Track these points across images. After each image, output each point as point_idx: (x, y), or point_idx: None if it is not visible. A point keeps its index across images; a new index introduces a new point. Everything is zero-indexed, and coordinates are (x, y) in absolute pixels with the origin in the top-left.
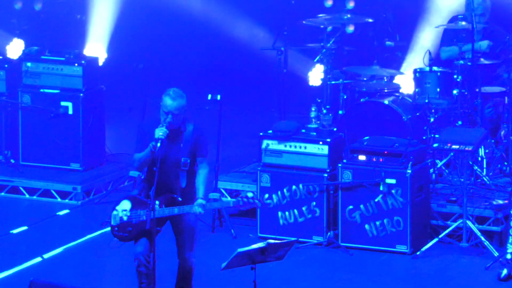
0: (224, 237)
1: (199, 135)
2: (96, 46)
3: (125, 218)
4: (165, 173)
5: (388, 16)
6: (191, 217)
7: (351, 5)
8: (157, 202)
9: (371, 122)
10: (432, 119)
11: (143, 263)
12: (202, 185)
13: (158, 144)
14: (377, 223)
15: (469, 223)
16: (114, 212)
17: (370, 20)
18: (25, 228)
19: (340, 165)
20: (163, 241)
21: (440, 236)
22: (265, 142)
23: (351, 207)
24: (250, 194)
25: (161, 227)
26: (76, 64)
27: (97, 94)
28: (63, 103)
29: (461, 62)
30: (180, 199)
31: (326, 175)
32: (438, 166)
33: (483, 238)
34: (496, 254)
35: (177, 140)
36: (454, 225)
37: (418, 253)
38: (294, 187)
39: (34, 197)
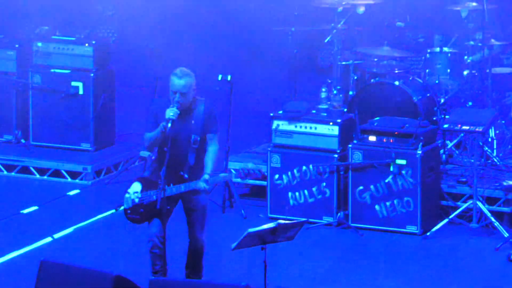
0: (235, 218)
1: (209, 112)
2: (107, 26)
3: (136, 200)
4: (174, 151)
5: None
6: (202, 196)
7: None
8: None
9: (382, 103)
10: (442, 100)
11: (157, 245)
12: (210, 161)
13: (169, 125)
14: (387, 203)
15: (479, 204)
16: (126, 195)
17: (381, 1)
18: (35, 208)
19: (350, 145)
20: (173, 221)
21: (450, 217)
22: (275, 123)
23: (361, 187)
24: (250, 165)
25: (172, 206)
26: (86, 44)
27: (108, 74)
28: (73, 83)
29: (472, 43)
30: (186, 176)
31: (336, 155)
32: (449, 147)
33: (493, 219)
34: (506, 235)
35: (188, 118)
36: (464, 206)
37: (428, 233)
38: (304, 167)
39: (45, 177)
